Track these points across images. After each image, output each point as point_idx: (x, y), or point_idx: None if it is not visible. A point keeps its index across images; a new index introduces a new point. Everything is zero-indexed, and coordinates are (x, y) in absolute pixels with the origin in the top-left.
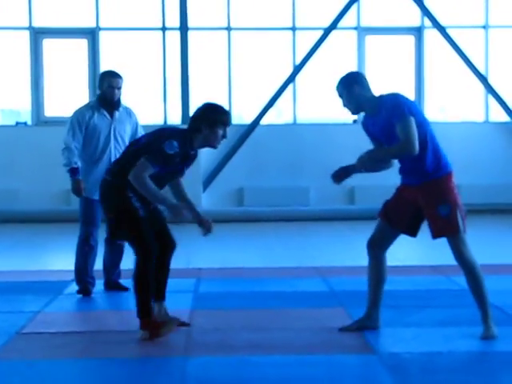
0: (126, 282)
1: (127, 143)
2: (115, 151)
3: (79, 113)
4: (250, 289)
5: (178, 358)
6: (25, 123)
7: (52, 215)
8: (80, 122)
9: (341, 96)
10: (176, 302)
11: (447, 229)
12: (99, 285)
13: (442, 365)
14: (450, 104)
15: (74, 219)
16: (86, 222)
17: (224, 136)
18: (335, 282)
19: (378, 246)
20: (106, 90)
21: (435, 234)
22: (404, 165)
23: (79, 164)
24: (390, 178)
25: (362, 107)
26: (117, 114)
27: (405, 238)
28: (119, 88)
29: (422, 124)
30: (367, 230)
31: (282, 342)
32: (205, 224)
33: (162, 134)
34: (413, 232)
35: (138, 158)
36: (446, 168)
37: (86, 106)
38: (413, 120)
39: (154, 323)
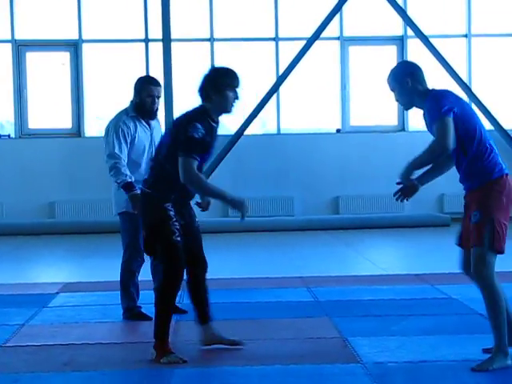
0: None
1: None
2: None
3: (122, 123)
4: (235, 299)
5: (163, 370)
6: (8, 136)
7: (36, 228)
8: (126, 133)
9: (392, 90)
10: None
11: (471, 237)
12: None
13: (427, 374)
14: None
15: (58, 231)
16: (134, 245)
17: (236, 98)
18: (320, 291)
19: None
20: (145, 99)
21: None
22: (457, 170)
23: (133, 178)
24: (373, 188)
25: (414, 102)
26: (152, 123)
27: (388, 247)
28: (159, 97)
29: (471, 123)
30: (351, 239)
31: (268, 352)
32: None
33: (180, 123)
34: None
35: (172, 160)
36: (495, 172)
37: (125, 115)
38: (448, 120)
39: (162, 348)
